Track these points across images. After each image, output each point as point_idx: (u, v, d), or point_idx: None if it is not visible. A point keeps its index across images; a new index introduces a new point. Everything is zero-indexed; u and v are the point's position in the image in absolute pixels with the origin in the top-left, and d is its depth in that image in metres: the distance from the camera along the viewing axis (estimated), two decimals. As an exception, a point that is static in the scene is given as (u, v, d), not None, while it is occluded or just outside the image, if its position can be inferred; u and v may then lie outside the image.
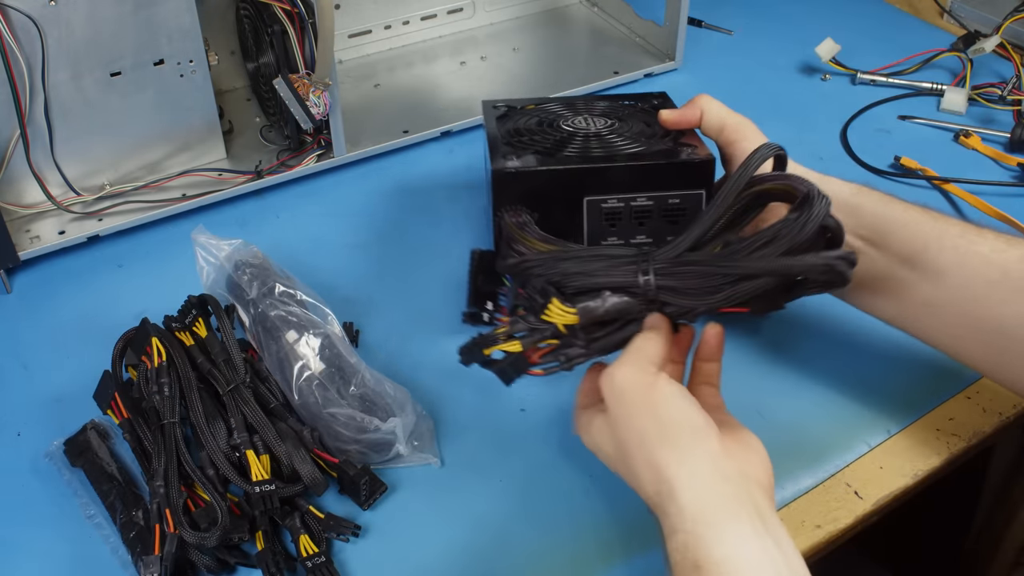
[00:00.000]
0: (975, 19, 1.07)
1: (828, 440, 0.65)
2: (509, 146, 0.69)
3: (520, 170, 0.65)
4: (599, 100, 0.78)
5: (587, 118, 0.74)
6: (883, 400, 0.68)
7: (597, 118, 0.74)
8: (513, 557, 0.59)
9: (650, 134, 0.71)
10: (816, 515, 0.61)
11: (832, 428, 0.66)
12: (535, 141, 0.70)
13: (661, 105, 0.77)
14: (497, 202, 0.66)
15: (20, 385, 0.71)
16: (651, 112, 0.75)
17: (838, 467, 0.64)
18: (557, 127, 0.73)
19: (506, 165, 0.65)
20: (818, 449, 0.65)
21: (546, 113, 0.76)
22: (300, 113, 0.82)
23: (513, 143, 0.70)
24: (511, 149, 0.69)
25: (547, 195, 0.66)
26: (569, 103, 0.78)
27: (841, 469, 0.64)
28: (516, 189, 0.65)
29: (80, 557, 0.60)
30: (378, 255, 0.82)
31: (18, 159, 0.78)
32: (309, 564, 0.57)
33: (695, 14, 1.11)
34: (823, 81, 1.03)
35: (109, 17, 0.76)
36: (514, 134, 0.72)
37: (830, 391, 0.69)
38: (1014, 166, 0.89)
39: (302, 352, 0.65)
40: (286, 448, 0.60)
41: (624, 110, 0.76)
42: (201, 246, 0.71)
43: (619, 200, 0.67)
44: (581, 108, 0.77)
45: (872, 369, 0.70)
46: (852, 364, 0.70)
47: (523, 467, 0.64)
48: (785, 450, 0.64)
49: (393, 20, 1.06)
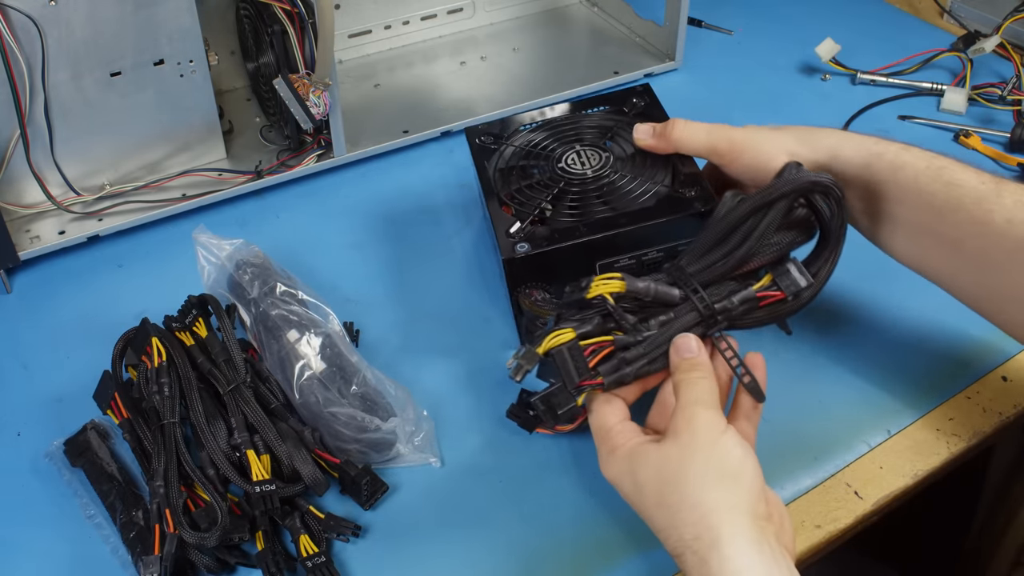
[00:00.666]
0: (975, 19, 1.07)
1: (828, 440, 0.65)
2: (508, 205, 0.69)
3: (529, 254, 0.65)
4: (584, 118, 0.77)
5: (580, 153, 0.73)
6: (883, 400, 0.68)
7: (589, 150, 0.73)
8: (513, 557, 0.59)
9: (647, 164, 0.71)
10: (816, 515, 0.61)
11: (832, 428, 0.66)
12: (532, 196, 0.70)
13: (644, 105, 0.78)
14: (512, 283, 0.67)
15: (20, 385, 0.71)
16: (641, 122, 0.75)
17: (838, 467, 0.64)
18: (552, 171, 0.72)
19: (515, 252, 0.65)
20: (818, 449, 0.65)
21: (533, 147, 0.75)
22: (300, 113, 0.82)
23: (513, 200, 0.70)
24: (512, 219, 0.68)
25: (559, 265, 0.66)
26: (554, 125, 0.77)
27: (841, 469, 0.64)
28: (527, 268, 0.66)
29: (80, 557, 0.60)
30: (378, 255, 0.82)
31: (18, 159, 0.78)
32: (309, 564, 0.57)
33: (695, 14, 1.11)
34: (823, 81, 1.03)
35: (109, 17, 0.76)
36: (512, 190, 0.71)
37: (830, 391, 0.69)
38: (1014, 166, 0.89)
39: (303, 351, 0.65)
40: (287, 448, 0.60)
41: (612, 126, 0.75)
42: (202, 246, 0.71)
43: (631, 257, 0.67)
44: (569, 133, 0.75)
45: (872, 369, 0.70)
46: (852, 364, 0.70)
47: (523, 467, 0.64)
48: (785, 450, 0.64)
49: (393, 20, 1.06)
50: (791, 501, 0.62)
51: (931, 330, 0.62)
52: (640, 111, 0.77)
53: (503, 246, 0.66)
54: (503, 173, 0.73)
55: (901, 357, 0.70)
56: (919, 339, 0.61)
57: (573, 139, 0.75)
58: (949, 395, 0.68)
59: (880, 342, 0.70)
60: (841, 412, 0.67)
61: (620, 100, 0.79)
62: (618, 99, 0.79)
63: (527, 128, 0.77)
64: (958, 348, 0.70)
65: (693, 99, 1.00)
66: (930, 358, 0.69)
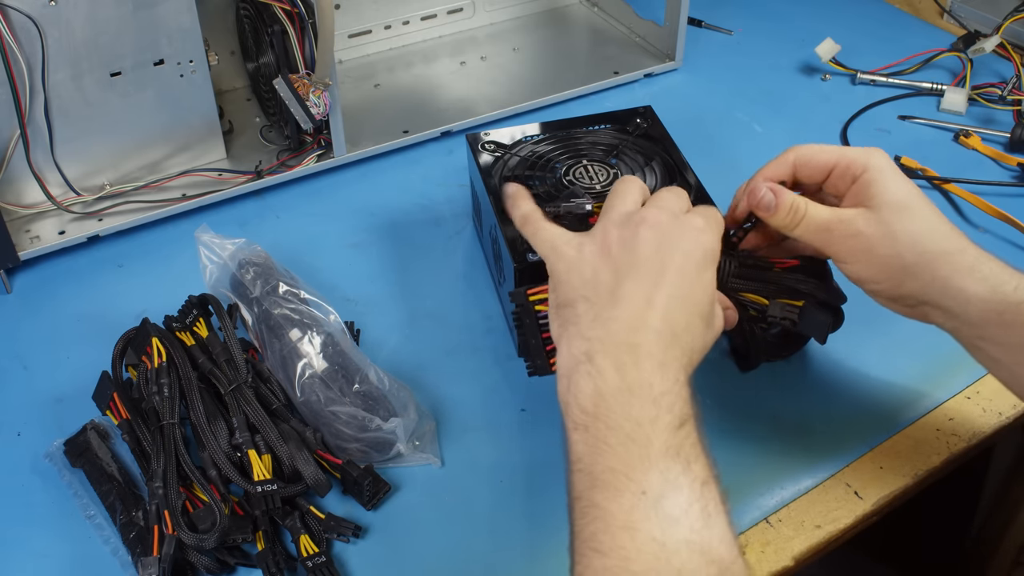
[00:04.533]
0: (975, 19, 1.07)
1: (828, 440, 0.65)
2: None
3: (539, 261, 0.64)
4: (588, 134, 0.78)
5: (588, 168, 0.73)
6: (883, 400, 0.68)
7: (597, 166, 0.73)
8: (514, 557, 0.59)
9: (655, 184, 0.72)
10: (816, 515, 0.61)
11: (832, 428, 0.66)
12: (539, 207, 0.69)
13: (646, 123, 0.78)
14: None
15: (20, 385, 0.71)
16: (642, 143, 0.76)
17: (838, 467, 0.64)
18: (558, 183, 0.72)
19: (528, 258, 0.65)
20: (818, 449, 0.65)
21: (538, 158, 0.75)
22: (300, 113, 0.82)
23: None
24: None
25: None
26: (558, 139, 0.77)
27: (841, 469, 0.64)
28: (538, 275, 0.65)
29: (80, 557, 0.59)
30: (378, 255, 0.82)
31: (18, 159, 0.78)
32: (309, 564, 0.57)
33: (695, 14, 1.11)
34: (823, 81, 1.03)
35: (109, 17, 0.76)
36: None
37: (830, 391, 0.69)
38: (1014, 166, 0.89)
39: (305, 350, 0.65)
40: (289, 449, 0.60)
41: (618, 144, 0.76)
42: (205, 245, 0.71)
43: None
44: (574, 148, 0.76)
45: (872, 369, 0.70)
46: (852, 364, 0.70)
47: (523, 467, 0.64)
48: (785, 450, 0.64)
49: (393, 20, 1.06)
50: (791, 501, 0.62)
51: (931, 330, 0.62)
52: (643, 132, 0.78)
53: (515, 254, 0.66)
54: (506, 181, 0.73)
55: (901, 357, 0.70)
56: (919, 339, 0.61)
57: (579, 154, 0.75)
58: (949, 395, 0.68)
59: (880, 342, 0.70)
60: (841, 412, 0.67)
61: (623, 119, 0.79)
62: (621, 118, 0.79)
63: (530, 139, 0.78)
64: (958, 348, 0.70)
65: (693, 99, 1.00)
66: (930, 358, 0.69)
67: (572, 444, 0.49)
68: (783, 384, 0.69)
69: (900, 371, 0.70)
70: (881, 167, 0.57)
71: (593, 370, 0.50)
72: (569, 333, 0.52)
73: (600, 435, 0.48)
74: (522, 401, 0.68)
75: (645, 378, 0.49)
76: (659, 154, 0.75)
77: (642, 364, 0.49)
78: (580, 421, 0.49)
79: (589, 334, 0.51)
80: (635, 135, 0.77)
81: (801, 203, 0.58)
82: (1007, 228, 0.82)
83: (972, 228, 0.82)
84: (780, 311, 0.60)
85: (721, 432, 0.66)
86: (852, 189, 0.58)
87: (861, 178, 0.58)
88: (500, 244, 0.69)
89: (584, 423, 0.49)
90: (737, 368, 0.69)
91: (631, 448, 0.47)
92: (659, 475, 0.46)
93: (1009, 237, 0.81)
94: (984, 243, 0.82)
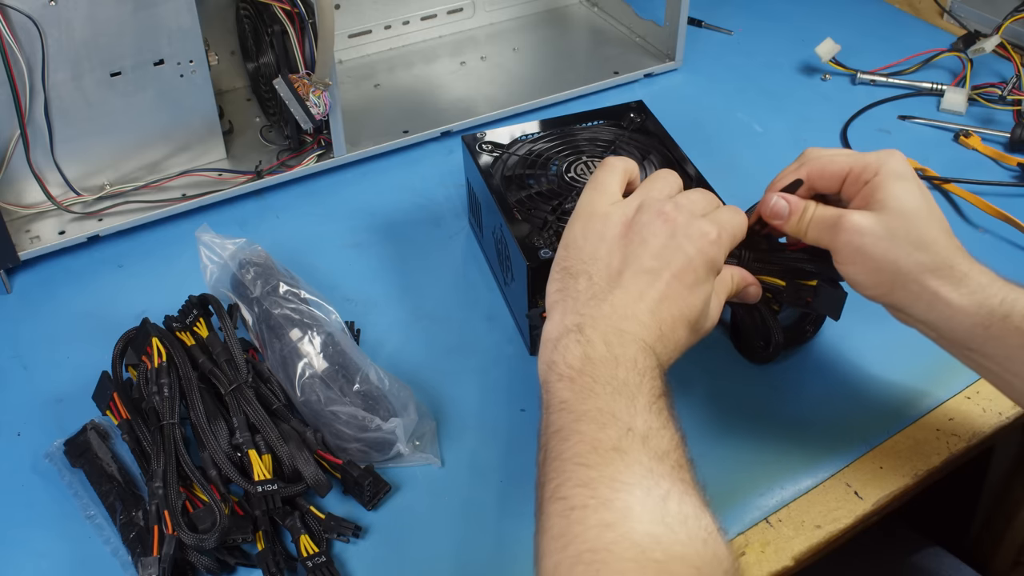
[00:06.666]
0: (975, 19, 1.08)
1: (828, 440, 0.65)
2: (520, 213, 0.70)
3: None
4: (583, 130, 0.78)
5: (588, 164, 0.73)
6: (883, 400, 0.68)
7: (596, 162, 0.73)
8: (513, 557, 0.59)
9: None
10: (816, 515, 0.61)
11: (832, 428, 0.66)
12: (541, 204, 0.70)
13: (639, 118, 0.78)
14: (533, 290, 0.66)
15: (20, 385, 0.71)
16: (640, 137, 0.76)
17: (838, 467, 0.64)
18: (560, 181, 0.72)
19: (540, 256, 0.65)
20: (818, 449, 0.65)
21: (537, 156, 0.75)
22: (300, 113, 0.82)
23: (522, 208, 0.70)
24: (525, 225, 0.68)
25: None
26: (554, 137, 0.77)
27: (841, 469, 0.64)
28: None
29: (80, 557, 0.59)
30: (378, 255, 0.82)
31: (18, 159, 0.78)
32: (309, 564, 0.57)
33: (695, 14, 1.11)
34: (823, 81, 1.03)
35: (109, 17, 0.76)
36: (522, 196, 0.71)
37: (830, 391, 0.69)
38: (1014, 166, 0.89)
39: (305, 350, 0.65)
40: (289, 449, 0.60)
41: (614, 139, 0.76)
42: (205, 245, 0.71)
43: None
44: (571, 145, 0.76)
45: (872, 369, 0.70)
46: (852, 364, 0.70)
47: (523, 467, 0.64)
48: (785, 450, 0.64)
49: (393, 20, 1.06)
50: (791, 501, 0.62)
51: (931, 330, 0.62)
52: (638, 127, 0.78)
53: (527, 252, 0.66)
54: (507, 181, 0.73)
55: (901, 357, 0.70)
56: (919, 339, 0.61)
57: (578, 150, 0.75)
58: (949, 395, 0.68)
59: (880, 342, 0.70)
60: (841, 412, 0.67)
61: (616, 115, 0.79)
62: (614, 114, 0.79)
63: (526, 138, 0.78)
64: (958, 348, 0.70)
65: (693, 99, 1.00)
66: (930, 358, 0.69)
67: (556, 391, 0.51)
68: (783, 384, 0.69)
69: (900, 371, 0.70)
70: (893, 171, 0.58)
71: (583, 339, 0.52)
72: (566, 304, 0.55)
73: (587, 385, 0.50)
74: (522, 401, 0.68)
75: (630, 355, 0.51)
76: (656, 148, 0.75)
77: (627, 345, 0.52)
78: (566, 374, 0.51)
79: (583, 311, 0.54)
80: (630, 130, 0.77)
81: (811, 206, 0.60)
82: (1007, 228, 0.82)
83: (972, 228, 0.82)
84: (795, 291, 0.63)
85: (721, 432, 0.66)
86: (863, 191, 0.59)
87: (872, 181, 0.58)
88: (508, 244, 0.69)
89: (570, 376, 0.51)
90: (749, 362, 0.70)
91: (617, 398, 0.49)
92: (643, 422, 0.48)
93: (1009, 237, 0.81)
94: (984, 243, 0.82)
